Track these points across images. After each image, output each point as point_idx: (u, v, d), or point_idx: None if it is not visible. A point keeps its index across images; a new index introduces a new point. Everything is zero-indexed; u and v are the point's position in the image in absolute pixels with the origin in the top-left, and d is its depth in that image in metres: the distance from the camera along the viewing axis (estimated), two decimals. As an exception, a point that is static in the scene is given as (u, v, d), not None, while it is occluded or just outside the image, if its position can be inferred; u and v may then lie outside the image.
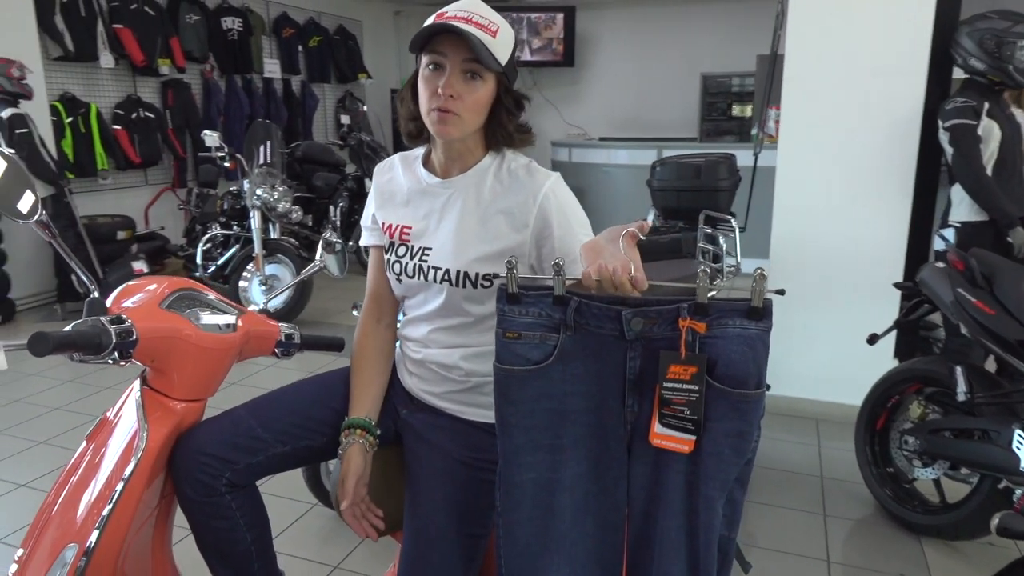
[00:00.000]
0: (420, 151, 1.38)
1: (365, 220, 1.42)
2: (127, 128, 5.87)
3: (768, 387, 2.93)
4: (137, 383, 1.24)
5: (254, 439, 1.26)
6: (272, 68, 7.27)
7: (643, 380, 1.07)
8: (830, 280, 3.19)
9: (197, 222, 5.43)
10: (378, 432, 1.32)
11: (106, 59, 5.66)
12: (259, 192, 4.56)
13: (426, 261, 1.30)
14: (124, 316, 1.11)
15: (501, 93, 1.26)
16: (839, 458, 2.91)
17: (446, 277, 1.27)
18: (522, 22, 8.17)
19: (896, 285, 2.58)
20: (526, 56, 8.27)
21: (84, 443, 1.24)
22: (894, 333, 3.05)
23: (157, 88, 6.25)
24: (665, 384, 1.05)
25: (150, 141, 6.02)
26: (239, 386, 3.50)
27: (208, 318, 1.27)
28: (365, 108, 7.79)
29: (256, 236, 4.54)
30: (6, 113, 4.37)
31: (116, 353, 1.08)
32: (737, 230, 2.68)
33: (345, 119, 7.67)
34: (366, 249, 1.44)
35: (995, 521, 1.22)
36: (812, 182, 3.15)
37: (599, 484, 1.11)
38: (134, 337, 1.11)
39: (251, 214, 4.58)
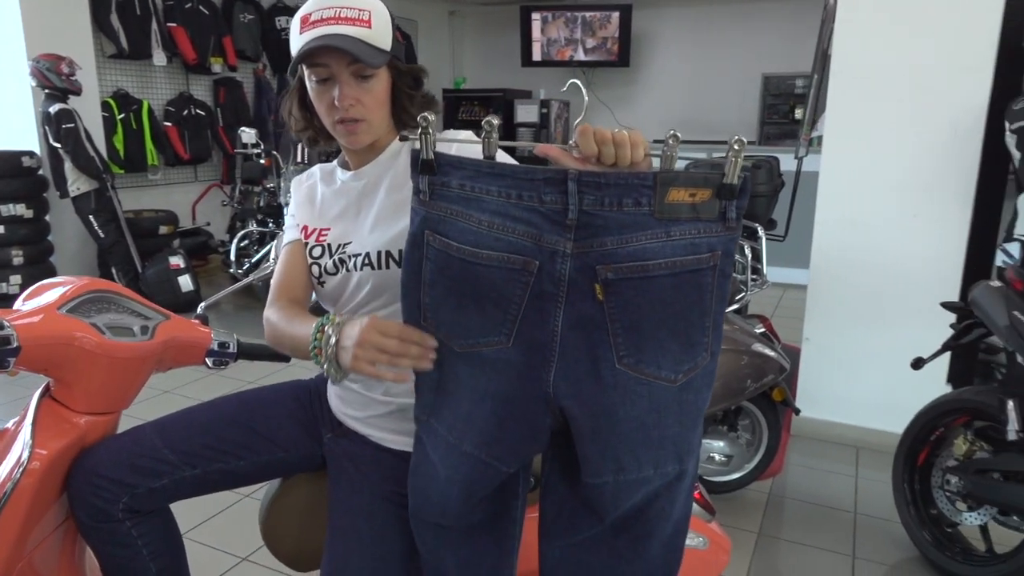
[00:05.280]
0: (336, 161, 1.30)
1: (287, 224, 1.31)
2: (178, 125, 5.98)
3: (798, 411, 2.67)
4: (37, 393, 1.15)
5: (159, 461, 1.14)
6: (325, 67, 7.32)
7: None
8: (877, 297, 2.91)
9: (237, 218, 5.48)
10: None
11: (159, 57, 5.77)
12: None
13: (345, 252, 1.18)
14: (4, 322, 1.01)
15: (396, 77, 1.16)
16: (877, 492, 2.64)
17: (367, 261, 1.15)
18: (576, 21, 7.98)
19: (944, 305, 2.30)
20: (580, 56, 8.08)
21: (-14, 455, 1.15)
22: (948, 356, 2.76)
23: (209, 86, 6.35)
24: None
25: (200, 138, 6.12)
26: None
27: (117, 324, 1.16)
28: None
29: (288, 234, 4.51)
30: (54, 109, 4.48)
31: (-11, 362, 0.99)
32: (764, 240, 2.45)
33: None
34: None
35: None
36: (859, 189, 2.87)
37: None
38: (14, 345, 1.01)
39: (285, 211, 4.56)
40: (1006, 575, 1.99)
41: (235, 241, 4.97)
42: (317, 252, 1.21)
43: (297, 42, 1.09)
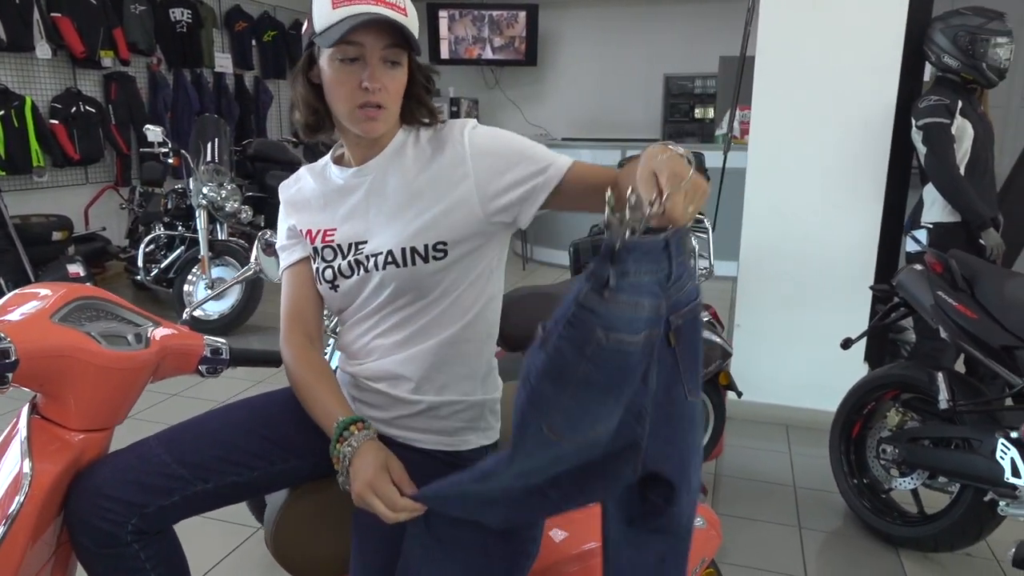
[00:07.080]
0: (325, 159, 1.25)
1: (280, 241, 1.25)
2: (65, 123, 5.53)
3: (740, 393, 2.80)
4: (25, 411, 1.04)
5: (168, 477, 1.06)
6: (223, 63, 6.99)
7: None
8: (802, 283, 3.10)
9: (140, 222, 5.14)
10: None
11: (43, 49, 5.32)
12: (205, 191, 4.31)
13: (362, 252, 1.14)
14: (1, 334, 0.92)
15: (414, 70, 1.14)
16: (812, 466, 2.81)
17: (390, 260, 1.11)
18: (483, 20, 8.01)
19: (873, 288, 2.49)
20: (487, 55, 8.12)
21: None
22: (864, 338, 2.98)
23: (99, 81, 5.92)
24: None
25: (91, 137, 5.69)
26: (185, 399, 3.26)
27: (110, 332, 1.08)
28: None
29: (202, 237, 4.29)
30: (-74, 104, 4.06)
31: (-14, 379, 0.89)
32: (710, 231, 2.57)
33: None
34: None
35: (1011, 552, 1.12)
36: (783, 183, 3.05)
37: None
38: (12, 359, 0.91)
39: (196, 214, 4.33)
40: (937, 533, 2.18)
41: (142, 247, 4.66)
42: (329, 255, 1.16)
43: (327, 16, 1.04)
